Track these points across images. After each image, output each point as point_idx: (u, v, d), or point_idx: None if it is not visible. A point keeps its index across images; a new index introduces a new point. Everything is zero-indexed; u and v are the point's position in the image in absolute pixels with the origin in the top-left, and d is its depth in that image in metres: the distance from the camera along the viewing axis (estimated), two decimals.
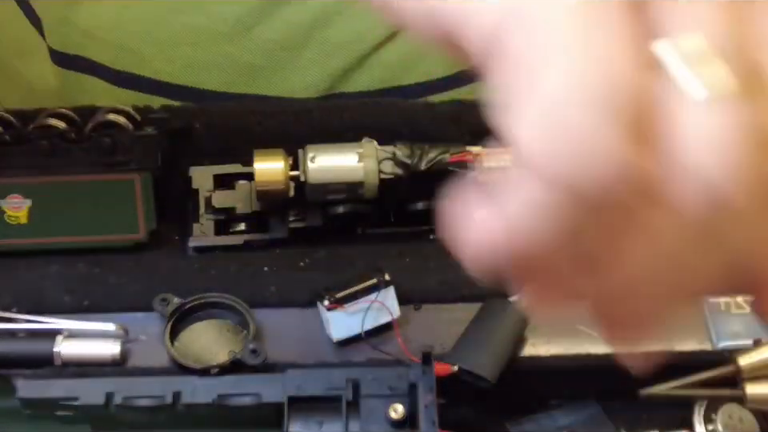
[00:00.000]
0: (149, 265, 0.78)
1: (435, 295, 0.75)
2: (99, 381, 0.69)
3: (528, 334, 0.74)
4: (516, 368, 0.72)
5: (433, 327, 0.74)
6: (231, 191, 0.81)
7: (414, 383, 0.68)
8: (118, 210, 0.79)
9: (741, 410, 0.70)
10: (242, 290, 0.75)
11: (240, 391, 0.68)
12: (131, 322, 0.73)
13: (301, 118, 0.83)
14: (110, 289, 0.75)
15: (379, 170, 0.78)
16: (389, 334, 0.73)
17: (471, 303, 0.75)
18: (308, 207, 0.80)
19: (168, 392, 0.68)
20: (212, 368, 0.69)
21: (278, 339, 0.73)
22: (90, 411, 0.68)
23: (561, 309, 0.44)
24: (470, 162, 0.78)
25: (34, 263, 0.78)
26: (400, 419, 0.66)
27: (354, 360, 0.72)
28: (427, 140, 0.82)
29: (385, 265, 0.78)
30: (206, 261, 0.79)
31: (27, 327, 0.72)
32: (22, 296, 0.74)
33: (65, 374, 0.70)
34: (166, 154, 0.81)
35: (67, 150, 0.79)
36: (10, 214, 0.79)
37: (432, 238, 0.82)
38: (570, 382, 0.74)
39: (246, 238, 0.81)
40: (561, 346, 0.74)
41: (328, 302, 0.71)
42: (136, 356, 0.72)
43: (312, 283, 0.76)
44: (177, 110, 0.83)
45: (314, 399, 0.68)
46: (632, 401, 0.73)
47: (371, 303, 0.72)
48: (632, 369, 0.48)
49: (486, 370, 0.69)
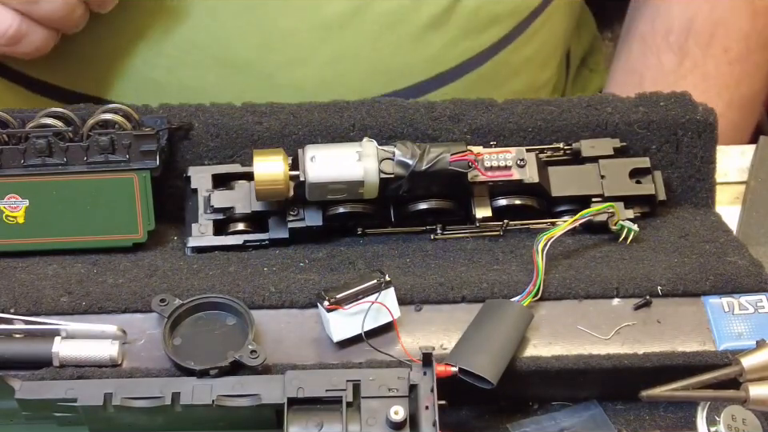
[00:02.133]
0: (147, 265, 0.78)
1: (436, 296, 0.75)
2: (97, 382, 0.69)
3: (529, 334, 0.73)
4: (517, 369, 0.72)
5: (433, 328, 0.74)
6: (230, 191, 0.81)
7: (415, 384, 0.68)
8: (117, 210, 0.79)
9: (744, 411, 0.69)
10: (241, 290, 0.75)
11: (239, 392, 0.68)
12: (130, 323, 0.73)
13: (301, 118, 0.83)
14: (109, 289, 0.75)
15: (379, 170, 0.77)
16: (389, 334, 0.73)
17: (472, 304, 0.75)
18: (308, 207, 0.80)
19: (167, 393, 0.68)
20: (211, 369, 0.69)
21: (278, 340, 0.73)
22: (89, 412, 0.68)
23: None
24: (471, 162, 0.78)
25: (31, 264, 0.78)
26: (400, 420, 0.66)
27: (354, 361, 0.72)
28: (427, 140, 0.82)
29: (385, 265, 0.78)
30: (204, 261, 0.79)
31: (25, 328, 0.72)
32: (19, 297, 0.74)
33: (63, 375, 0.70)
34: (165, 154, 0.81)
35: (65, 150, 0.79)
36: (8, 214, 0.79)
37: (432, 238, 0.81)
38: (571, 383, 0.74)
39: (246, 238, 0.80)
40: (562, 347, 0.73)
41: (328, 303, 0.71)
42: (134, 357, 0.72)
43: (312, 284, 0.75)
44: (176, 110, 0.83)
45: (313, 400, 0.68)
46: (634, 402, 0.73)
47: (371, 304, 0.71)
48: None
49: (487, 371, 0.69)
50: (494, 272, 0.77)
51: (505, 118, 0.83)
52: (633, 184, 0.83)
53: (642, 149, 0.84)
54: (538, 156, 0.82)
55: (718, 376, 0.69)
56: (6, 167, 0.79)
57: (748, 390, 0.68)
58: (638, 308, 0.75)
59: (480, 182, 0.79)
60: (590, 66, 1.29)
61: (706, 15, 1.09)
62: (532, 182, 0.80)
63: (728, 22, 1.07)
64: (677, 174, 0.85)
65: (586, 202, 0.82)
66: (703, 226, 0.83)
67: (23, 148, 0.79)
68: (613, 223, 0.80)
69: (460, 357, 0.70)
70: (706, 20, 1.09)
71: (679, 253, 0.79)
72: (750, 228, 0.89)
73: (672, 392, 0.68)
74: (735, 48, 1.08)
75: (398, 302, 0.73)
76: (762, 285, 0.76)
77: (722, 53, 1.08)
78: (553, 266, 0.77)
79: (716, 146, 0.85)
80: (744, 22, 1.08)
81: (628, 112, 0.84)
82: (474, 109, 0.84)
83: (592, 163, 0.83)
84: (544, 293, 0.75)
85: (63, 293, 0.75)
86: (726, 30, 1.08)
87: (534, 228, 0.82)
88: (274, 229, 0.81)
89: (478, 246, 0.81)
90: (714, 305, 0.75)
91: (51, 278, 0.76)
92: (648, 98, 0.85)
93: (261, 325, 0.73)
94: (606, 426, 0.73)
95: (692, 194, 0.85)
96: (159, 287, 0.75)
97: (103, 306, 0.74)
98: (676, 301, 0.76)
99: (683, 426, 0.73)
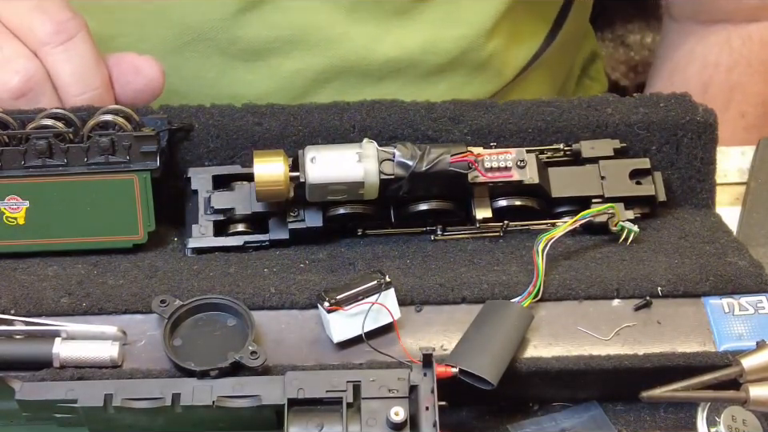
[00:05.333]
0: (148, 266, 0.78)
1: (436, 296, 0.75)
2: (98, 383, 0.69)
3: (529, 335, 0.73)
4: (517, 370, 0.72)
5: (433, 329, 0.74)
6: (230, 192, 0.81)
7: (415, 385, 0.68)
8: (117, 211, 0.79)
9: (744, 412, 0.69)
10: (241, 291, 0.75)
11: (239, 393, 0.68)
12: (130, 324, 0.73)
13: (301, 119, 0.83)
14: (109, 290, 0.75)
15: (379, 171, 0.77)
16: (389, 335, 0.73)
17: (472, 305, 0.75)
18: (308, 208, 0.80)
19: (167, 394, 0.68)
20: (211, 370, 0.69)
21: (278, 341, 0.73)
22: (89, 413, 0.68)
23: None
24: (471, 163, 0.78)
25: (32, 265, 0.78)
26: (401, 421, 0.65)
27: (355, 362, 0.72)
28: (427, 141, 0.82)
29: (385, 266, 0.78)
30: (205, 262, 0.79)
31: (25, 329, 0.72)
32: (20, 298, 0.74)
33: (63, 376, 0.70)
34: (165, 155, 0.81)
35: (65, 151, 0.79)
36: (8, 216, 0.79)
37: (433, 239, 0.81)
38: (572, 383, 0.74)
39: (246, 239, 0.80)
40: (562, 348, 0.73)
41: (328, 304, 0.71)
42: (135, 358, 0.72)
43: (312, 285, 0.75)
44: (176, 110, 0.83)
45: (314, 401, 0.68)
46: (634, 403, 0.73)
47: (372, 305, 0.71)
48: None
49: (487, 372, 0.69)
50: (494, 273, 0.77)
51: (505, 119, 0.83)
52: (633, 185, 0.83)
53: (642, 150, 0.84)
54: (538, 157, 0.82)
55: (718, 377, 0.69)
56: (6, 168, 0.79)
57: (748, 390, 0.68)
58: (638, 309, 0.75)
59: (480, 182, 0.79)
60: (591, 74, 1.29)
61: (723, 79, 1.09)
62: (532, 182, 0.80)
63: (745, 87, 1.07)
64: (677, 174, 0.85)
65: (586, 202, 0.82)
66: (703, 226, 0.83)
67: (23, 149, 0.78)
68: (613, 224, 0.80)
69: (460, 358, 0.70)
70: (723, 83, 1.09)
71: (679, 254, 0.79)
72: (750, 229, 0.89)
73: (672, 393, 0.68)
74: (752, 112, 1.08)
75: (398, 302, 0.73)
76: (763, 286, 0.76)
77: (739, 117, 1.08)
78: (553, 266, 0.77)
79: (716, 147, 0.85)
80: (761, 86, 1.08)
81: (628, 113, 0.84)
82: (474, 110, 0.84)
83: (592, 164, 0.83)
84: (544, 294, 0.75)
85: (63, 294, 0.75)
86: (744, 95, 1.07)
87: (534, 229, 0.82)
88: (274, 230, 0.81)
89: (478, 247, 0.81)
90: (714, 306, 0.75)
91: (51, 279, 0.76)
92: (648, 99, 0.85)
93: (261, 326, 0.73)
94: (606, 426, 0.73)
95: (692, 194, 0.85)
96: (159, 288, 0.75)
97: (103, 307, 0.74)
98: (676, 302, 0.76)
99: (683, 426, 0.73)
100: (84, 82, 0.82)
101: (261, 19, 0.97)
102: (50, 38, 0.81)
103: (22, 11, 0.82)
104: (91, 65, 0.82)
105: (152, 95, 0.84)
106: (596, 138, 0.84)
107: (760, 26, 1.10)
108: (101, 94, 0.82)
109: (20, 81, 0.81)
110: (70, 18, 0.82)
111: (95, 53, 0.83)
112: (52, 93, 0.82)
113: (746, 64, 1.09)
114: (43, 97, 0.81)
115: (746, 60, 1.09)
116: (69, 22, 0.82)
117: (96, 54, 0.83)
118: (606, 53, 1.46)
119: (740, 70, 0.99)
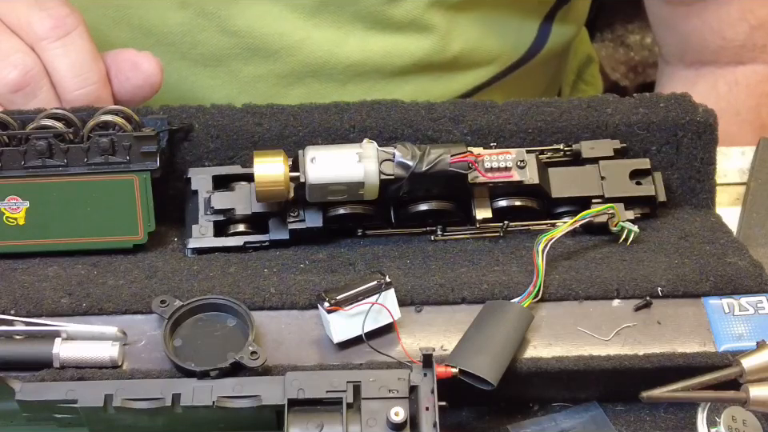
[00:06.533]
0: (148, 266, 0.78)
1: (436, 297, 0.75)
2: (98, 383, 0.69)
3: (529, 335, 0.73)
4: (517, 370, 0.72)
5: (434, 329, 0.74)
6: (231, 192, 0.81)
7: (415, 385, 0.68)
8: (117, 212, 0.79)
9: (744, 412, 0.69)
10: (241, 291, 0.75)
11: (240, 393, 0.68)
12: (130, 324, 0.73)
13: (301, 120, 0.83)
14: (109, 291, 0.75)
15: (379, 171, 0.77)
16: (389, 335, 0.73)
17: (472, 305, 0.75)
18: (308, 208, 0.80)
19: (167, 394, 0.68)
20: (211, 370, 0.69)
21: (278, 341, 0.73)
22: (89, 414, 0.68)
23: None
24: (471, 163, 0.78)
25: (32, 265, 0.78)
26: (401, 422, 0.66)
27: (355, 362, 0.72)
28: (427, 141, 0.82)
29: (385, 266, 0.78)
30: (205, 262, 0.79)
31: (25, 330, 0.72)
32: (20, 298, 0.74)
33: (63, 376, 0.70)
34: (165, 155, 0.81)
35: (65, 152, 0.79)
36: (8, 216, 0.79)
37: (433, 239, 0.81)
38: (572, 384, 0.74)
39: (246, 240, 0.80)
40: (562, 348, 0.73)
41: (328, 304, 0.71)
42: (135, 358, 0.72)
43: (312, 285, 0.75)
44: (176, 111, 0.83)
45: (314, 402, 0.68)
46: (634, 403, 0.73)
47: (372, 305, 0.71)
48: None
49: (487, 372, 0.69)
50: (494, 273, 0.77)
51: (505, 120, 0.83)
52: (633, 185, 0.83)
53: (642, 150, 0.84)
54: (538, 157, 0.82)
55: (718, 377, 0.69)
56: (6, 169, 0.79)
57: (748, 391, 0.68)
58: (638, 309, 0.75)
59: (480, 183, 0.79)
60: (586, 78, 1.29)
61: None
62: (532, 183, 0.80)
63: (734, 137, 1.05)
64: (677, 175, 0.85)
65: (586, 203, 0.82)
66: (703, 227, 0.83)
67: (23, 149, 0.79)
68: (613, 224, 0.80)
69: (460, 358, 0.70)
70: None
71: (679, 254, 0.79)
72: (750, 229, 0.89)
73: (672, 393, 0.68)
74: None
75: (398, 303, 0.73)
76: (763, 286, 0.76)
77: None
78: (553, 267, 0.77)
79: (716, 147, 0.85)
80: (749, 136, 1.06)
81: (628, 113, 0.84)
82: (474, 110, 0.84)
83: (592, 164, 0.83)
84: (544, 294, 0.75)
85: (63, 294, 0.75)
86: (733, 145, 1.07)
87: (534, 229, 0.82)
88: (274, 230, 0.81)
89: (478, 247, 0.81)
90: (714, 306, 0.75)
91: (51, 279, 0.76)
92: (648, 99, 0.85)
93: (261, 326, 0.73)
94: (606, 426, 0.73)
95: (692, 195, 0.85)
96: (159, 288, 0.75)
97: (103, 307, 0.74)
98: (676, 302, 0.76)
99: (683, 427, 0.73)
100: (81, 77, 0.82)
101: (219, 25, 0.98)
102: (47, 33, 0.81)
103: (21, 7, 0.82)
104: (89, 60, 0.82)
105: (151, 91, 0.85)
106: (596, 139, 0.84)
107: (746, 69, 1.10)
108: (98, 90, 0.83)
109: (18, 75, 0.81)
110: (68, 13, 0.82)
111: (93, 48, 0.83)
112: (49, 87, 0.82)
113: (734, 112, 1.08)
114: (40, 91, 0.82)
115: (734, 108, 1.09)
116: (67, 17, 0.82)
117: (94, 49, 0.83)
118: (606, 53, 1.46)
119: (727, 119, 0.99)
